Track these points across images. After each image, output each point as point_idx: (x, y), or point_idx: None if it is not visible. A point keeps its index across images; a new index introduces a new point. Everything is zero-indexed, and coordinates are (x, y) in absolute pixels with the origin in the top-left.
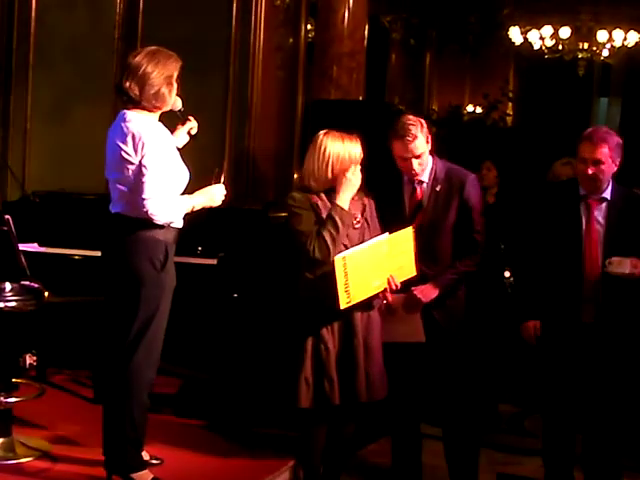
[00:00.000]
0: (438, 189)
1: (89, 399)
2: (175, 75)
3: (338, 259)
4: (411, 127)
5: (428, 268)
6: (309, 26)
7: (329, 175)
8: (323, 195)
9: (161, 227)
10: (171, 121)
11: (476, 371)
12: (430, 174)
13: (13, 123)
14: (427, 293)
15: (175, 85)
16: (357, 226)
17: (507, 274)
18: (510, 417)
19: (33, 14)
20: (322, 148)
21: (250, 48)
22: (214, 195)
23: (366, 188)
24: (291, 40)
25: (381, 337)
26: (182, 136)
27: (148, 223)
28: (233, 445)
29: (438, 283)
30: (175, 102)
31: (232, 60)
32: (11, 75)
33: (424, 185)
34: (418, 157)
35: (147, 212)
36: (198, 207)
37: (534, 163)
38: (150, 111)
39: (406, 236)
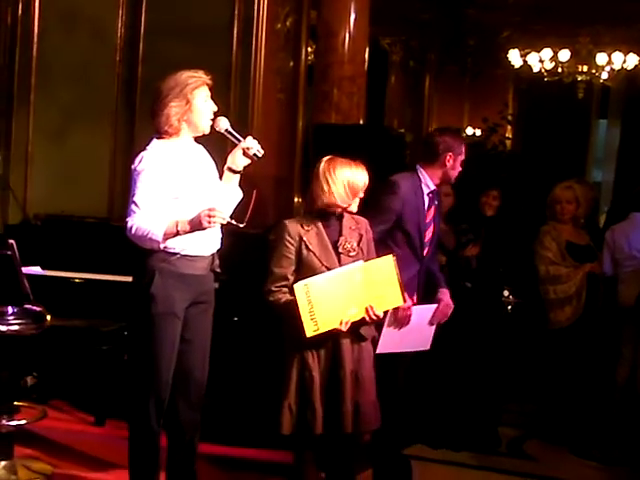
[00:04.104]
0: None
1: (91, 421)
2: (194, 95)
3: (299, 286)
4: None
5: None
6: (309, 49)
7: (338, 201)
8: (321, 224)
9: (151, 252)
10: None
11: (476, 392)
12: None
13: (15, 145)
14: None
15: (196, 105)
16: (352, 254)
17: (506, 293)
18: (510, 440)
19: (35, 37)
20: (331, 174)
21: (251, 71)
22: (201, 219)
23: (363, 217)
24: (292, 64)
25: (373, 368)
26: (238, 158)
27: (142, 248)
28: (231, 469)
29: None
30: (217, 122)
31: (233, 83)
32: (13, 97)
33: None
34: None
35: (126, 232)
36: (184, 232)
37: (534, 186)
38: (169, 136)
39: (386, 264)
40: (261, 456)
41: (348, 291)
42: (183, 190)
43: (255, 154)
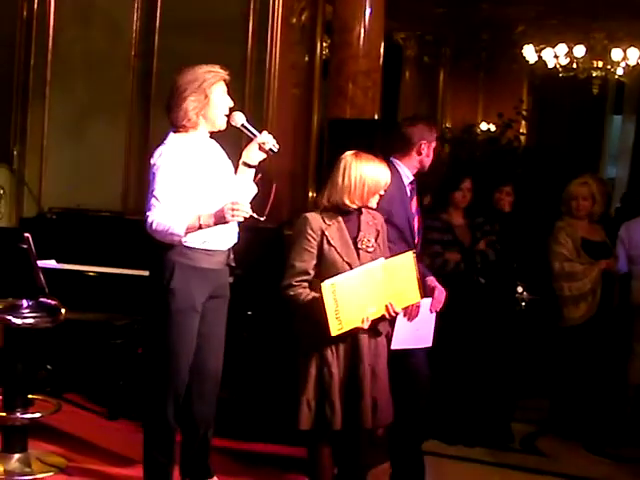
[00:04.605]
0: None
1: (105, 415)
2: (212, 90)
3: (326, 285)
4: None
5: None
6: (324, 44)
7: (364, 197)
8: (341, 219)
9: (170, 246)
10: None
11: (489, 388)
12: None
13: (30, 139)
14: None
15: (214, 100)
16: (370, 250)
17: (520, 289)
18: (523, 437)
19: (50, 31)
20: (357, 170)
21: (266, 66)
22: (225, 213)
23: (380, 212)
24: (307, 58)
25: (387, 362)
26: (253, 153)
27: (160, 242)
28: (245, 464)
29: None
30: (233, 117)
31: (248, 78)
32: (28, 92)
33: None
34: None
35: (146, 227)
36: (207, 226)
37: (548, 182)
38: (186, 131)
39: (406, 261)
40: (276, 450)
41: (370, 289)
42: (202, 184)
43: (271, 149)
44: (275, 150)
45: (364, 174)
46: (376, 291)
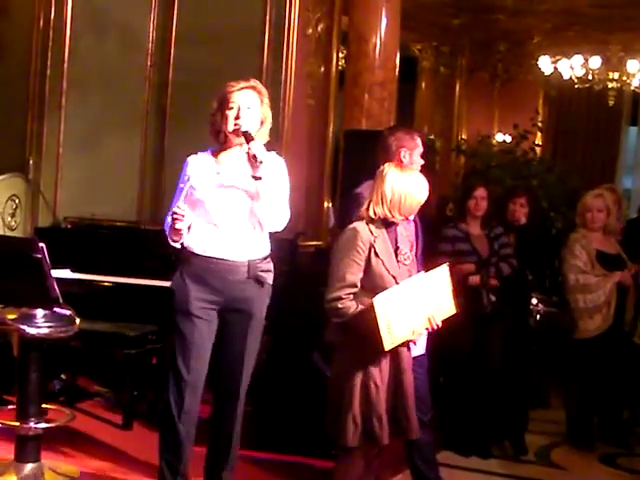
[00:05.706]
0: None
1: (118, 425)
2: (224, 105)
3: (378, 300)
4: None
5: None
6: (340, 55)
7: (412, 210)
8: (385, 230)
9: (180, 252)
10: None
11: (502, 399)
12: None
13: (46, 149)
14: None
15: (225, 115)
16: (407, 262)
17: (534, 301)
18: (538, 448)
19: (67, 42)
20: (405, 184)
21: (282, 77)
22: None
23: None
24: (322, 69)
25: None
26: (250, 164)
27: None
28: (267, 474)
29: None
30: (240, 126)
31: None
32: (44, 102)
33: None
34: None
35: None
36: (172, 229)
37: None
38: (217, 143)
39: (442, 275)
40: (296, 461)
41: (415, 302)
42: (204, 195)
43: (254, 156)
44: (259, 159)
45: (412, 188)
46: (420, 304)
